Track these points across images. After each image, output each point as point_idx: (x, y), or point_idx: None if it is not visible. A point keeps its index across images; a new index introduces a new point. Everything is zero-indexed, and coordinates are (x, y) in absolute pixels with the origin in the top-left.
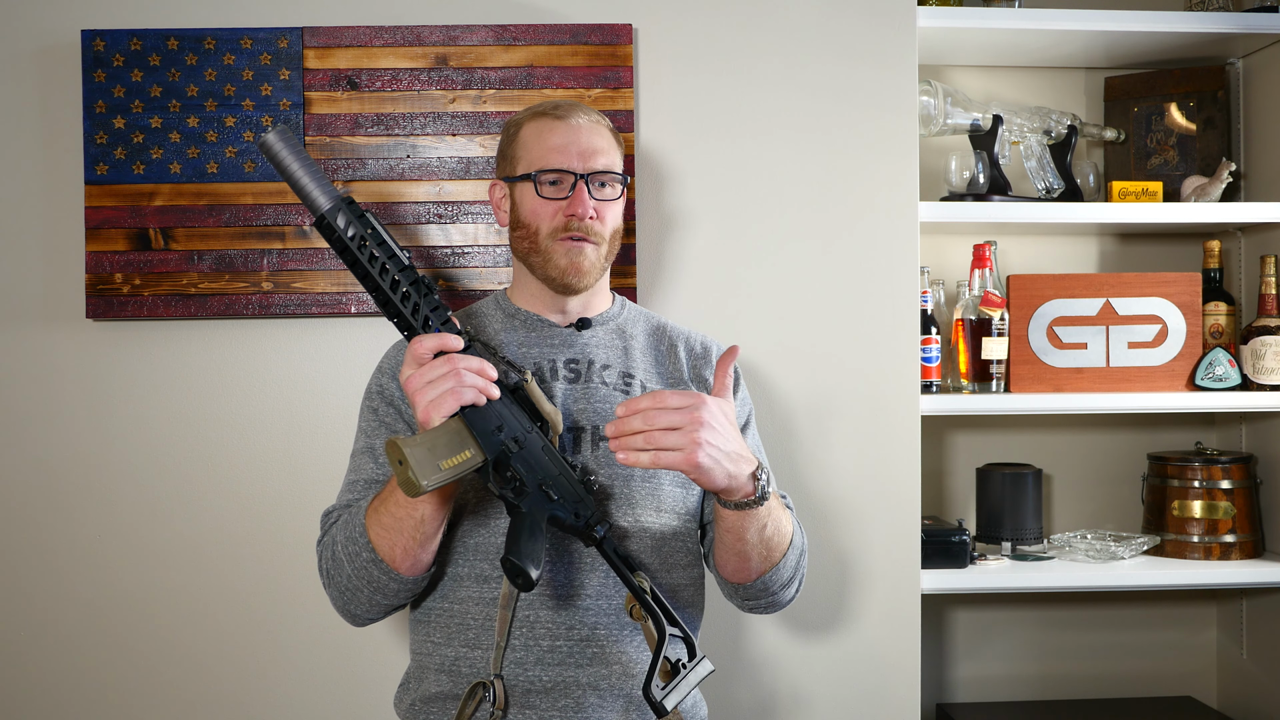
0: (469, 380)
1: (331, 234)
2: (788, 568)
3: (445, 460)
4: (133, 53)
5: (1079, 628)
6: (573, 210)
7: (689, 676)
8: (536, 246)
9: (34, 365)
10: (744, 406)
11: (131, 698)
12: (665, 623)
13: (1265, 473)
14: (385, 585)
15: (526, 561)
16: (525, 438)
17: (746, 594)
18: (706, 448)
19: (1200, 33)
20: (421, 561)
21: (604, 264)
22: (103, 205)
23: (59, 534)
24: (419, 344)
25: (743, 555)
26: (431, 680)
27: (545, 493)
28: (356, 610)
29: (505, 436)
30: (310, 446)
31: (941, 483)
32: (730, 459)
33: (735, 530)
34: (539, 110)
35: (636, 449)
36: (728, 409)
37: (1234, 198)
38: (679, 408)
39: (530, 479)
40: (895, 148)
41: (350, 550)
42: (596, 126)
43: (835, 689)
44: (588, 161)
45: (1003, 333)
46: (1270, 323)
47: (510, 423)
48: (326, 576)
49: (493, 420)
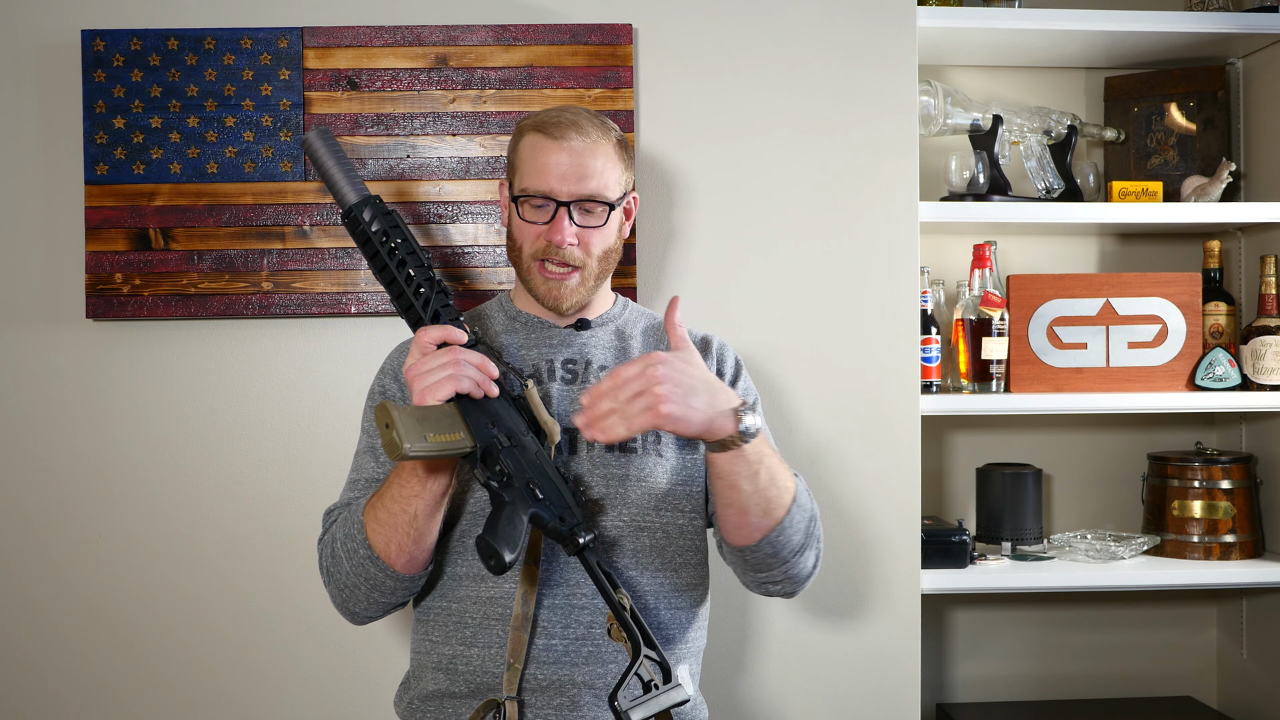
0: (467, 371)
1: (356, 227)
2: (795, 530)
3: (433, 434)
4: (133, 53)
5: (1079, 628)
6: (550, 238)
7: (660, 698)
8: (520, 262)
9: (34, 365)
10: (748, 395)
11: (131, 697)
12: (642, 643)
13: (1265, 473)
14: (382, 583)
15: (501, 544)
16: (518, 440)
17: (756, 562)
18: (671, 397)
19: (1200, 33)
20: (417, 559)
21: (592, 283)
22: (103, 205)
23: (59, 534)
24: (424, 334)
25: (740, 508)
26: (429, 679)
27: (532, 491)
28: (355, 608)
29: (498, 432)
30: (310, 446)
31: (941, 483)
32: (702, 397)
33: (726, 477)
34: (539, 122)
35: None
36: (686, 356)
37: (1234, 198)
38: (635, 376)
39: (518, 475)
40: (895, 148)
41: (349, 547)
42: (594, 146)
43: (835, 689)
44: (574, 186)
45: (1003, 333)
46: (1270, 323)
47: (505, 422)
48: (326, 574)
49: (488, 415)
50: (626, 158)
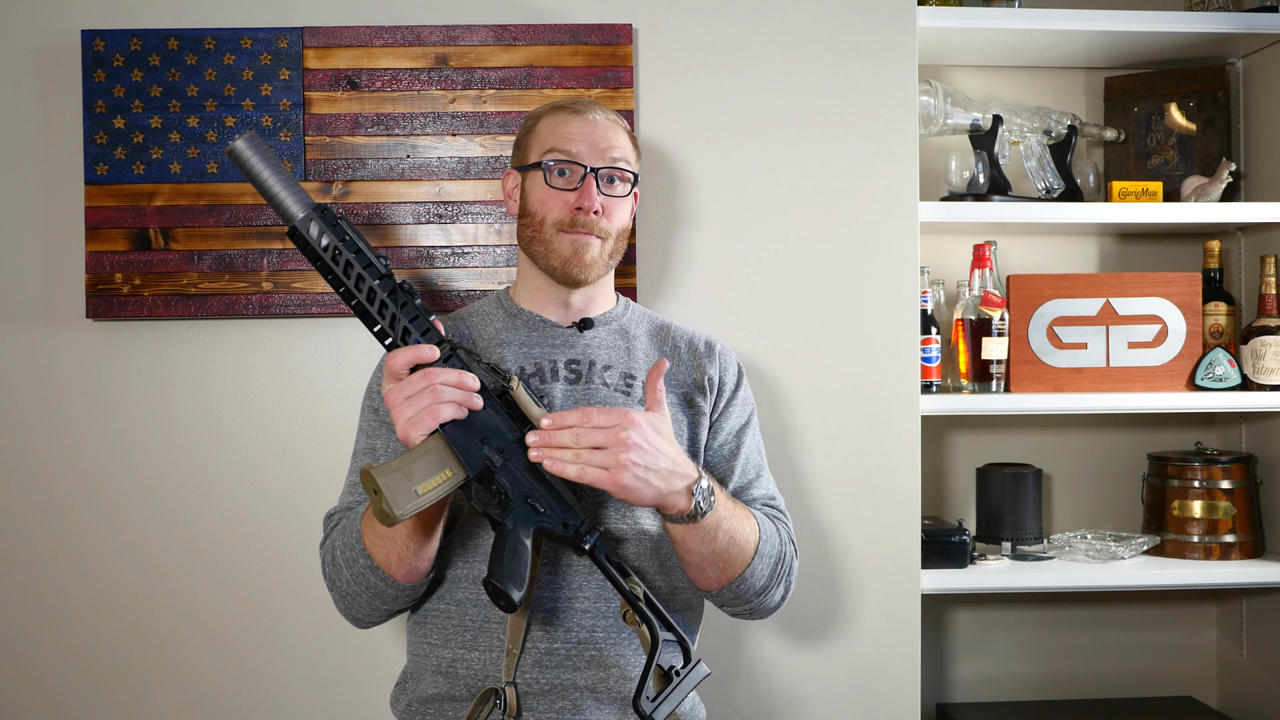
0: (446, 395)
1: (305, 244)
2: (758, 578)
3: (423, 484)
4: (133, 53)
5: (1079, 628)
6: (580, 203)
7: (682, 684)
8: (540, 235)
9: (34, 365)
10: (745, 406)
11: (131, 696)
12: (659, 628)
13: (1265, 473)
14: (384, 591)
15: (508, 583)
16: (511, 449)
17: (720, 601)
18: (631, 468)
19: (1200, 33)
20: (418, 569)
21: (608, 261)
22: (103, 205)
23: (59, 534)
24: (393, 359)
25: (696, 566)
26: (429, 682)
27: (531, 506)
28: (359, 614)
29: (489, 449)
30: (310, 446)
31: (941, 483)
32: (661, 476)
33: (681, 542)
34: (557, 105)
35: (562, 460)
36: (658, 423)
37: (1234, 198)
38: (605, 427)
39: (515, 492)
40: (895, 148)
41: (348, 557)
42: (615, 125)
43: (835, 689)
44: (600, 155)
45: (1003, 333)
46: (1270, 323)
47: (495, 434)
48: (329, 581)
49: (475, 434)
50: (637, 148)
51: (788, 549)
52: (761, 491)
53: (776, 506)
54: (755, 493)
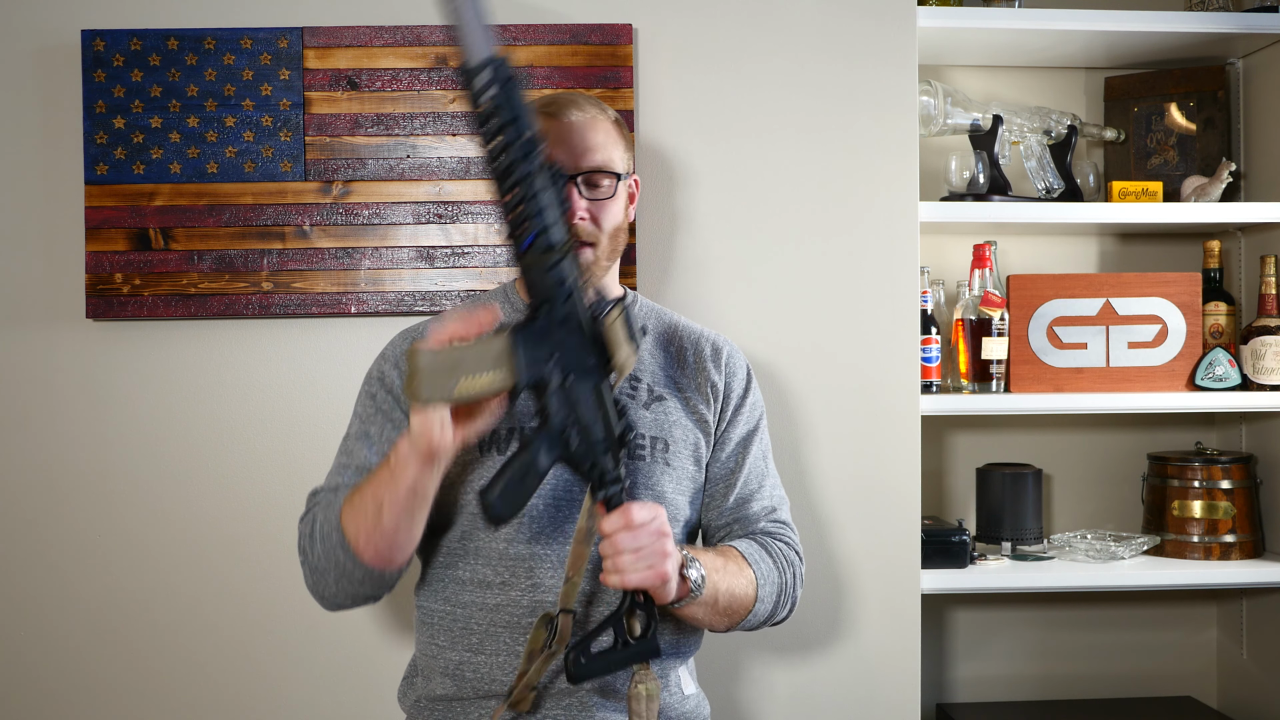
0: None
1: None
2: (761, 614)
3: (465, 378)
4: (133, 53)
5: (1079, 628)
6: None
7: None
8: None
9: (34, 365)
10: (754, 411)
11: (131, 696)
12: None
13: (1265, 473)
14: (350, 571)
15: (500, 504)
16: (579, 372)
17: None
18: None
19: (1200, 33)
20: (384, 555)
21: (605, 262)
22: (103, 205)
23: (59, 533)
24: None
25: (698, 622)
26: (437, 682)
27: (565, 439)
28: (325, 592)
29: (554, 365)
30: (310, 446)
31: (941, 483)
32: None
33: (686, 615)
34: (535, 108)
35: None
36: (641, 516)
37: (1234, 198)
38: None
39: (556, 418)
40: (895, 148)
41: (324, 530)
42: (593, 121)
43: (835, 689)
44: (579, 161)
45: (1003, 333)
46: (1270, 323)
47: (569, 353)
48: (302, 554)
49: (547, 346)
50: (625, 138)
51: (787, 575)
52: (761, 505)
53: (778, 519)
54: (755, 507)
